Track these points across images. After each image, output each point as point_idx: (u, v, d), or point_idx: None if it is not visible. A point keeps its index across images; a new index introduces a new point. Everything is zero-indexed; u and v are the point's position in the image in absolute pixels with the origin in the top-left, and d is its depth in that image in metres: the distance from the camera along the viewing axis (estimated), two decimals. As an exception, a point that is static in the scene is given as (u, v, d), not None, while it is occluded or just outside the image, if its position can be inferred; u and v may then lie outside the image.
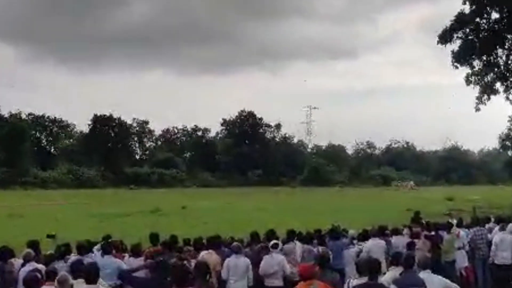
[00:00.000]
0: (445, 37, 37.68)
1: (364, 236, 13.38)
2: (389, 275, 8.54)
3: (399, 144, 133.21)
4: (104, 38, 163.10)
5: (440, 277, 8.58)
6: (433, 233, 14.09)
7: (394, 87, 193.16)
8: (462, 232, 14.36)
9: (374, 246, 12.24)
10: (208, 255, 10.72)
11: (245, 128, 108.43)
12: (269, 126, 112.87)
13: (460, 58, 37.97)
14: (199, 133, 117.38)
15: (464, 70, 39.29)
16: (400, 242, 13.11)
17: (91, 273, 7.66)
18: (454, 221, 15.52)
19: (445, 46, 37.88)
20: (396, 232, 13.93)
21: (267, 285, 10.80)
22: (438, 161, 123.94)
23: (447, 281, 8.60)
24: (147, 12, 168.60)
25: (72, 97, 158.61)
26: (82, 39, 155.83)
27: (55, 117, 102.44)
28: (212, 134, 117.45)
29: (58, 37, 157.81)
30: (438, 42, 38.09)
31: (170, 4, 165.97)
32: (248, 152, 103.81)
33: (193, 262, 9.76)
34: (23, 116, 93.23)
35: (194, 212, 36.69)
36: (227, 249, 11.55)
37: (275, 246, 11.07)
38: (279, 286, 10.79)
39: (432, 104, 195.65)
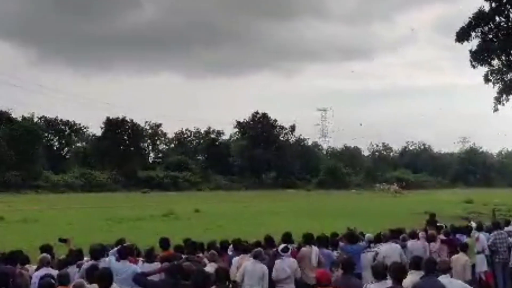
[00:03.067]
0: (463, 35, 37.12)
1: (380, 239, 13.17)
2: (409, 279, 8.32)
3: (415, 146, 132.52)
4: (115, 40, 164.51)
5: (460, 281, 8.65)
6: (450, 237, 13.87)
7: (409, 88, 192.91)
8: (482, 236, 14.08)
9: (389, 250, 12.03)
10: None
11: (259, 130, 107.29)
12: (283, 128, 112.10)
13: (478, 57, 37.44)
14: (213, 136, 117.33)
15: (482, 70, 38.89)
16: (416, 245, 12.94)
17: (104, 279, 7.54)
18: (473, 225, 15.27)
19: (462, 43, 37.39)
20: (414, 235, 13.70)
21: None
22: (456, 163, 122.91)
23: (467, 285, 8.60)
24: (158, 13, 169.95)
25: (83, 99, 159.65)
26: (92, 41, 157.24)
27: (67, 120, 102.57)
28: (225, 136, 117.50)
29: (68, 39, 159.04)
30: (456, 40, 37.57)
31: (182, 5, 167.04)
32: (262, 154, 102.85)
33: (210, 267, 9.66)
34: (35, 119, 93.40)
35: (207, 215, 36.48)
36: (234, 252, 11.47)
37: (285, 250, 10.86)
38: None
39: (448, 105, 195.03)
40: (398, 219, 26.04)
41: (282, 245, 11.08)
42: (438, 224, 16.37)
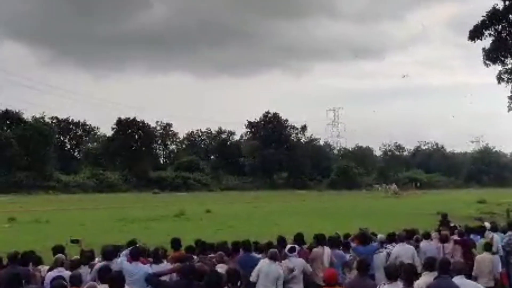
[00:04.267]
0: (476, 34, 36.83)
1: (392, 239, 13.05)
2: (423, 280, 8.31)
3: (428, 146, 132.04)
4: (125, 40, 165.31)
5: (474, 282, 8.62)
6: (464, 237, 13.72)
7: (421, 87, 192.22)
8: (496, 236, 13.93)
9: (402, 250, 11.92)
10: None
11: (270, 130, 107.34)
12: (294, 127, 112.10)
13: (491, 55, 37.16)
14: (224, 136, 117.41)
15: (495, 69, 38.63)
16: (429, 246, 12.81)
17: (116, 281, 7.53)
18: (487, 225, 15.11)
19: (475, 41, 37.11)
20: (428, 236, 13.57)
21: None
22: (469, 163, 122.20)
23: (481, 287, 8.51)
24: (168, 14, 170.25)
25: (94, 99, 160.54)
26: (102, 41, 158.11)
27: (78, 121, 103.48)
28: (236, 136, 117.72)
29: (79, 39, 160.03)
30: (468, 39, 37.29)
31: (192, 5, 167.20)
32: (273, 154, 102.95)
33: (219, 268, 9.62)
34: (47, 119, 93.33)
35: (219, 216, 36.39)
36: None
37: (292, 250, 10.85)
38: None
39: (461, 104, 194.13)
40: (409, 220, 25.87)
41: (289, 246, 11.10)
42: (452, 225, 16.22)
